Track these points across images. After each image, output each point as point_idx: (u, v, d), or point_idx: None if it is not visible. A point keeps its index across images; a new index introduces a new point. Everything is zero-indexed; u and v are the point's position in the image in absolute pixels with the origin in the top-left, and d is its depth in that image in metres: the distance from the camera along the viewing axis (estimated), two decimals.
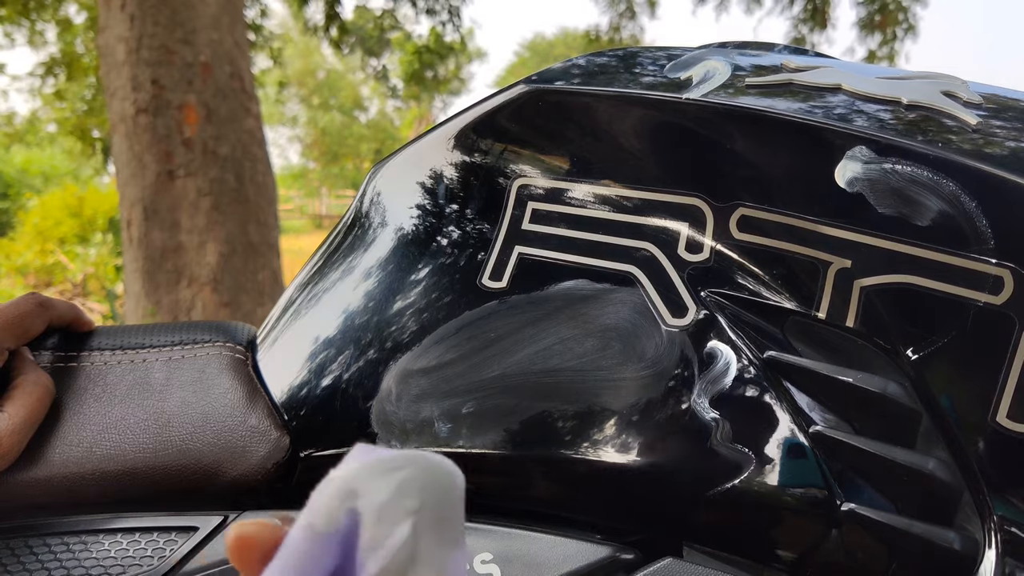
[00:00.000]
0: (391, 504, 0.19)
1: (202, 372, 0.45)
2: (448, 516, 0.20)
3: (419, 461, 0.20)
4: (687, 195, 0.35)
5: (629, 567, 0.35)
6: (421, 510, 0.19)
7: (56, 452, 0.42)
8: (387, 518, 0.19)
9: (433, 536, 0.19)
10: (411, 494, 0.19)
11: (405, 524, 0.19)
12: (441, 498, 0.20)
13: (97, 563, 0.41)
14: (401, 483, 0.19)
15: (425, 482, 0.20)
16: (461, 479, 0.20)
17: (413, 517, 0.19)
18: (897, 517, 0.30)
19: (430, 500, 0.19)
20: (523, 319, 0.37)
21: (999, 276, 0.28)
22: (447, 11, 4.11)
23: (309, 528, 0.19)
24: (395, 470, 0.20)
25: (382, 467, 0.20)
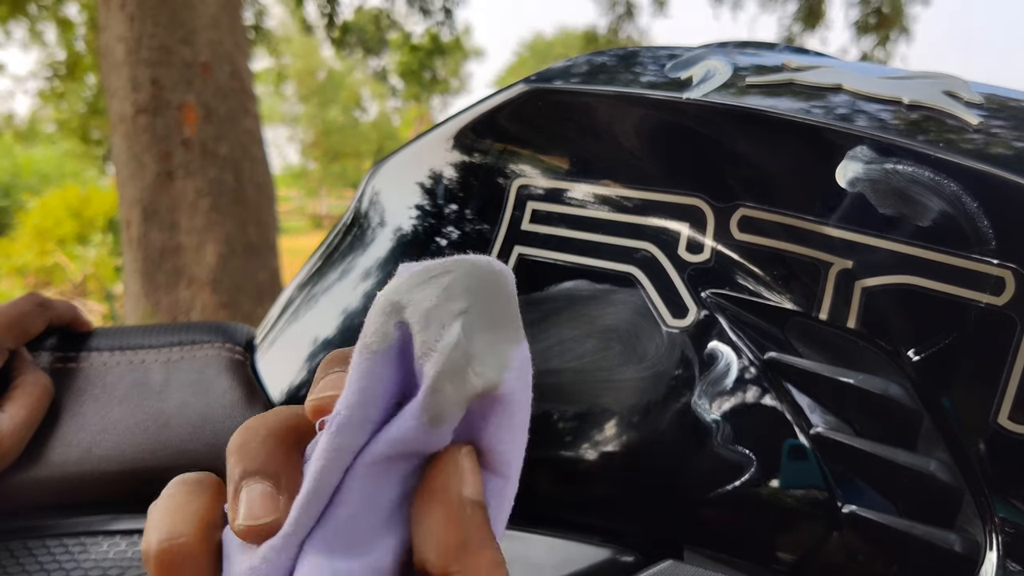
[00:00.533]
0: (437, 308, 0.18)
1: (201, 373, 0.45)
2: (500, 313, 0.19)
3: (462, 264, 0.19)
4: (687, 195, 0.35)
5: (629, 569, 0.35)
6: (469, 310, 0.18)
7: (54, 453, 0.42)
8: (435, 321, 0.18)
9: (487, 334, 0.19)
10: (457, 296, 0.19)
11: (455, 325, 0.18)
12: (489, 297, 0.19)
13: (96, 565, 0.41)
14: (446, 287, 0.19)
15: (470, 283, 0.19)
16: (510, 277, 0.20)
17: (462, 318, 0.18)
18: (898, 519, 0.30)
19: (478, 300, 0.19)
20: (522, 320, 0.37)
21: (1000, 277, 0.28)
22: (442, 11, 4.11)
23: (365, 349, 0.19)
24: (438, 276, 0.19)
25: (425, 276, 0.19)
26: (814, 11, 4.49)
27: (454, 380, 0.18)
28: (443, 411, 0.18)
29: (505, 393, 0.19)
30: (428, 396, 0.18)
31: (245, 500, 0.19)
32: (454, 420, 0.18)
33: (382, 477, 0.19)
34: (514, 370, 0.19)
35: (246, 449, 0.20)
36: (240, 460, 0.20)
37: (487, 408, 0.19)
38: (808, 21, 4.51)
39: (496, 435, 0.19)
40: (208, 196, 2.18)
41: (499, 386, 0.18)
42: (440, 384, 0.18)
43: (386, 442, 0.19)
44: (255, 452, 0.20)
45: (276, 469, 0.20)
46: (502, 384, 0.19)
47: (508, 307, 0.19)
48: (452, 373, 0.18)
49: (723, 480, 0.33)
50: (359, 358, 0.19)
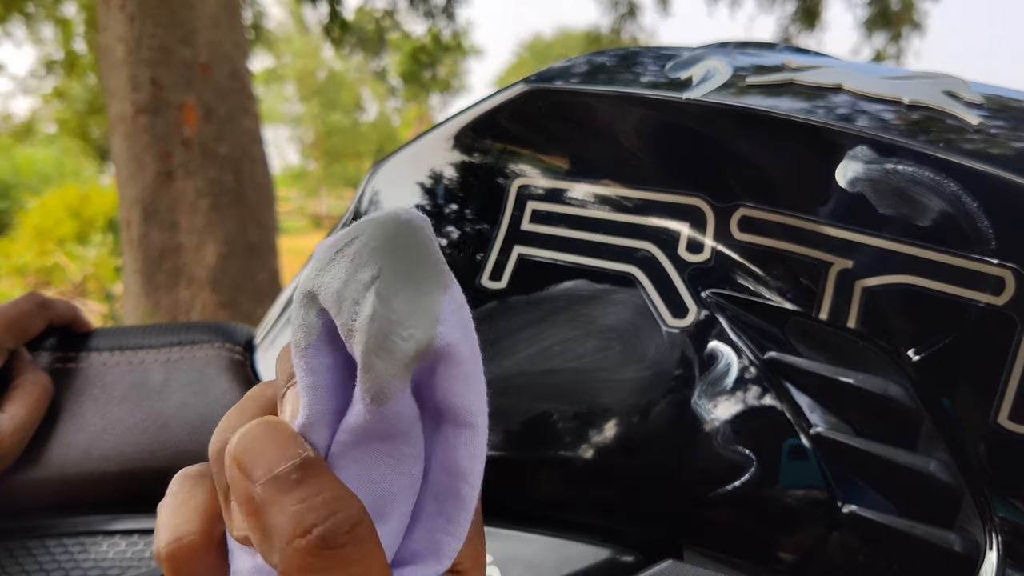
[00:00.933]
0: (347, 284, 0.17)
1: (200, 373, 0.45)
2: (417, 265, 0.18)
3: (368, 226, 0.18)
4: (688, 195, 0.35)
5: (629, 569, 0.35)
6: (381, 274, 0.17)
7: (54, 453, 0.42)
8: (347, 299, 0.17)
9: (406, 292, 0.17)
10: (365, 263, 0.18)
11: (368, 295, 0.17)
12: (400, 251, 0.18)
13: (95, 565, 0.40)
14: (352, 258, 0.18)
15: (376, 244, 0.18)
16: (421, 224, 0.18)
17: (374, 286, 0.17)
18: (898, 519, 0.30)
19: (388, 259, 0.18)
20: (523, 320, 0.37)
21: (1000, 277, 0.28)
22: (444, 13, 4.12)
23: (296, 348, 0.19)
24: (343, 248, 0.18)
25: (331, 252, 0.18)
26: (811, 12, 4.49)
27: (381, 354, 0.17)
28: (382, 387, 0.17)
29: (445, 344, 0.18)
30: (363, 378, 0.17)
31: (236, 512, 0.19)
32: (399, 392, 0.17)
33: (366, 465, 0.19)
34: (448, 319, 0.18)
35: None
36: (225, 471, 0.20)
37: (433, 364, 0.18)
38: (806, 22, 4.52)
39: (450, 388, 0.18)
40: (208, 196, 2.18)
41: (434, 340, 0.17)
42: (369, 362, 0.17)
43: (347, 431, 0.18)
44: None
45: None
46: (437, 337, 0.17)
47: (426, 256, 0.18)
48: (377, 347, 0.17)
49: (723, 480, 0.33)
50: (295, 358, 0.19)
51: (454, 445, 0.19)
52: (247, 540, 0.19)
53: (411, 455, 0.19)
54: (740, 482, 0.32)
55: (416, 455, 0.19)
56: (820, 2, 4.50)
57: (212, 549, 0.20)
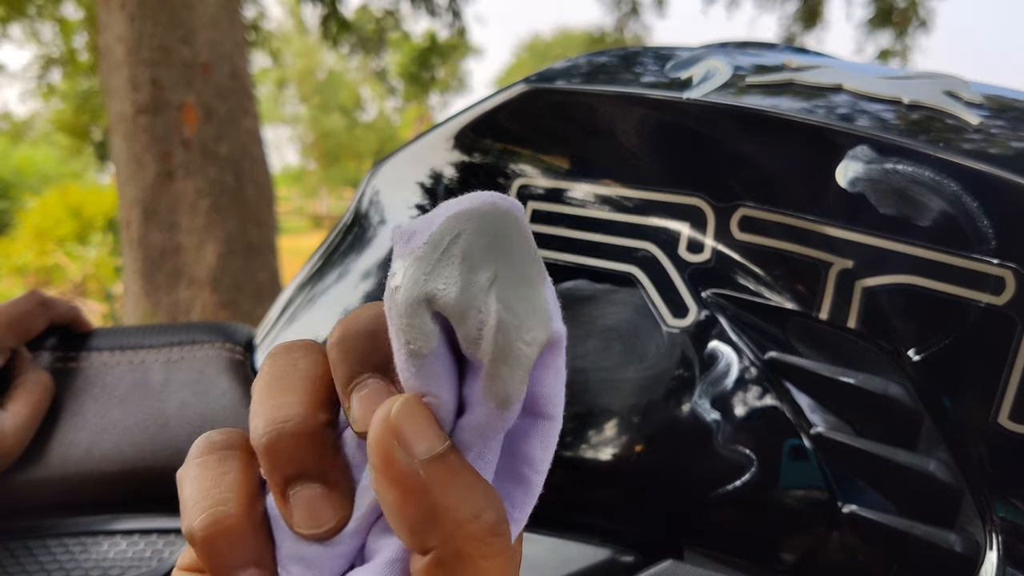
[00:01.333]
0: (466, 290, 0.17)
1: (201, 373, 0.45)
2: (525, 259, 0.18)
3: (467, 221, 0.17)
4: (688, 195, 0.35)
5: (630, 569, 0.35)
6: (498, 277, 0.17)
7: (54, 453, 0.42)
8: (470, 308, 0.17)
9: (521, 291, 0.17)
10: (479, 266, 0.17)
11: (489, 302, 0.17)
12: (510, 247, 0.17)
13: (96, 565, 0.41)
14: (463, 259, 0.17)
15: (487, 240, 0.17)
16: (518, 211, 0.18)
17: (494, 290, 0.17)
18: (898, 519, 0.30)
19: (501, 257, 0.17)
20: None
21: (1000, 277, 0.28)
22: (450, 11, 4.11)
23: (416, 356, 0.18)
24: (449, 248, 0.17)
25: (435, 251, 0.17)
26: (813, 11, 4.50)
27: (508, 361, 0.17)
28: (508, 393, 0.17)
29: (554, 339, 0.18)
30: (488, 385, 0.17)
31: (303, 506, 0.18)
32: (522, 394, 0.17)
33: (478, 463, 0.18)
34: (554, 312, 0.18)
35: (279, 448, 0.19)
36: (278, 462, 0.19)
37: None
38: (808, 21, 4.52)
39: (542, 379, 0.18)
40: (208, 196, 2.18)
41: (551, 337, 0.17)
42: (496, 371, 0.17)
43: (467, 431, 0.18)
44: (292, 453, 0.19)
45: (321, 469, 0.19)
46: (552, 334, 0.17)
47: (530, 247, 0.18)
48: (504, 356, 0.17)
49: (723, 480, 0.33)
50: (411, 365, 0.18)
51: (530, 434, 0.19)
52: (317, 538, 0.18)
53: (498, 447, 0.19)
54: (740, 482, 0.32)
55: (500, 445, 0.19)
56: (822, 1, 4.51)
57: (256, 529, 0.19)
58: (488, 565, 0.16)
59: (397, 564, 0.18)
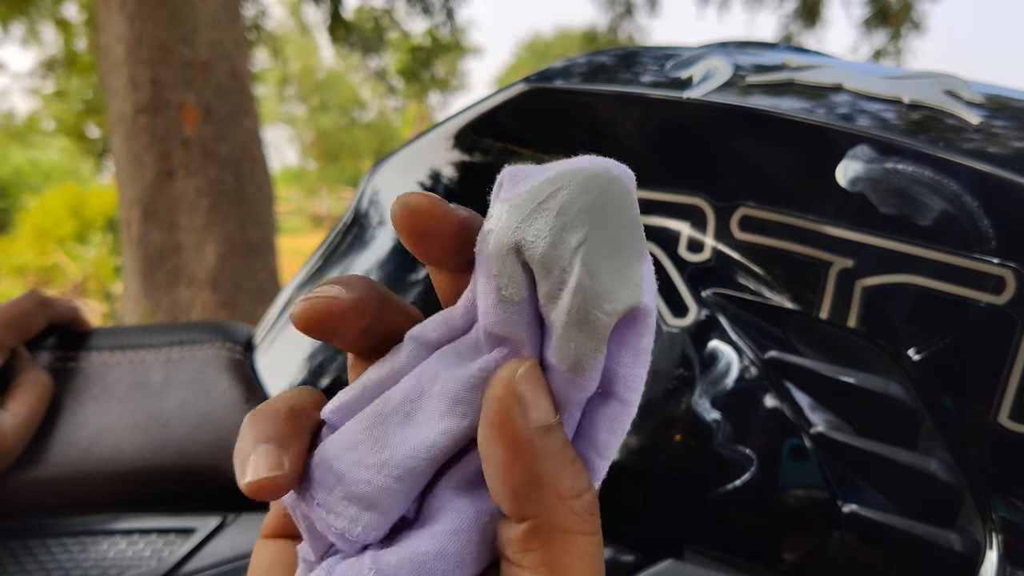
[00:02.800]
0: (554, 247, 0.16)
1: (200, 372, 0.45)
2: (623, 230, 0.17)
3: (573, 177, 0.17)
4: (688, 195, 0.35)
5: (629, 569, 0.35)
6: (588, 239, 0.16)
7: (54, 453, 0.42)
8: (555, 265, 0.16)
9: (611, 262, 0.16)
10: (572, 225, 0.16)
11: (575, 263, 0.16)
12: (609, 214, 0.17)
13: (96, 564, 0.40)
14: (558, 212, 0.16)
15: (586, 202, 0.17)
16: (629, 180, 0.17)
17: (581, 251, 0.16)
18: (898, 518, 0.30)
19: (596, 222, 0.16)
20: None
21: (1000, 276, 0.28)
22: (444, 11, 4.11)
23: (508, 302, 0.17)
24: (546, 201, 0.17)
25: (532, 202, 0.17)
26: (812, 10, 4.50)
27: (582, 326, 0.16)
28: (580, 359, 0.16)
29: (636, 312, 0.17)
30: (561, 347, 0.16)
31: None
32: (597, 364, 0.17)
33: None
34: (646, 289, 0.17)
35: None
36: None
37: (615, 328, 0.17)
38: (808, 20, 4.52)
39: (620, 356, 0.17)
40: (208, 196, 2.18)
41: (634, 308, 0.17)
42: (569, 334, 0.16)
43: None
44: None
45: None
46: (637, 309, 0.17)
47: (631, 221, 0.17)
48: (578, 320, 0.16)
49: (723, 480, 0.33)
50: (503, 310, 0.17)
51: (599, 415, 0.18)
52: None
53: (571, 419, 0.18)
54: (741, 482, 0.32)
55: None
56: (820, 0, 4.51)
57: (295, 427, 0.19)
58: (585, 542, 0.16)
59: (463, 535, 0.17)
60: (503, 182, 0.18)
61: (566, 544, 0.16)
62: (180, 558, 0.40)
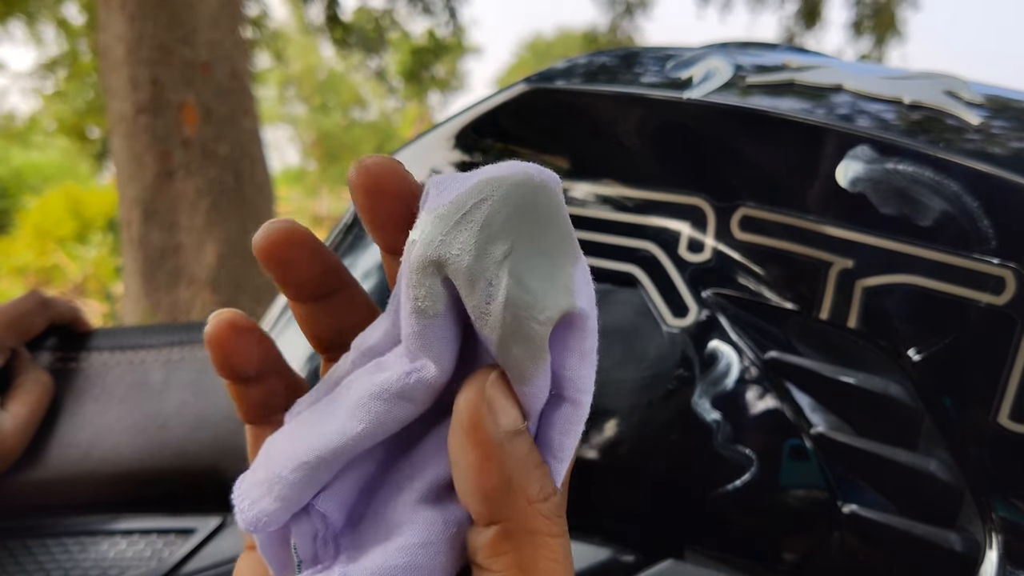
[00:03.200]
0: (479, 260, 0.16)
1: (200, 373, 0.45)
2: (551, 234, 0.17)
3: (495, 186, 0.16)
4: (688, 195, 0.35)
5: (629, 569, 0.35)
6: (514, 250, 0.16)
7: (54, 453, 0.42)
8: (480, 279, 0.16)
9: (541, 268, 0.16)
10: (497, 236, 0.16)
11: (502, 275, 0.16)
12: (535, 221, 0.16)
13: (95, 565, 0.40)
14: (482, 227, 0.16)
15: (510, 211, 0.16)
16: (553, 184, 0.17)
17: (507, 263, 0.16)
18: (899, 519, 0.30)
19: (522, 231, 0.16)
20: None
21: (1001, 276, 0.28)
22: (447, 11, 4.12)
23: (423, 315, 0.17)
24: (470, 212, 0.16)
25: (456, 213, 0.16)
26: (812, 11, 4.50)
27: (517, 339, 0.16)
28: (523, 370, 0.16)
29: (572, 317, 0.17)
30: (502, 360, 0.16)
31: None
32: (539, 372, 0.16)
33: None
34: (579, 291, 0.17)
35: None
36: None
37: (555, 333, 0.17)
38: (808, 21, 4.53)
39: (565, 361, 0.17)
40: (208, 196, 2.18)
41: (567, 313, 0.16)
42: (506, 348, 0.16)
43: None
44: None
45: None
46: (571, 314, 0.17)
47: (560, 225, 0.17)
48: (513, 333, 0.16)
49: (724, 480, 0.33)
50: (415, 324, 0.17)
51: (552, 418, 0.18)
52: None
53: None
54: (741, 482, 0.32)
55: None
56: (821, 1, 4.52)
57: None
58: (554, 544, 0.17)
59: (432, 547, 0.18)
60: (429, 190, 0.18)
61: (536, 546, 0.17)
62: (180, 558, 0.40)
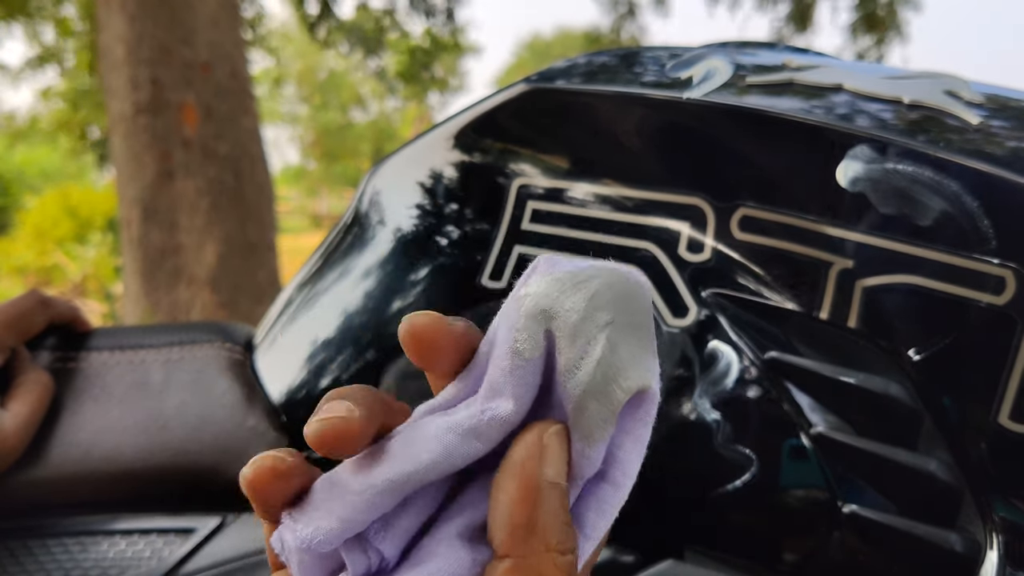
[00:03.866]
0: (584, 321, 0.18)
1: (200, 373, 0.45)
2: (641, 324, 0.19)
3: (607, 272, 0.19)
4: (688, 195, 0.35)
5: (629, 569, 0.35)
6: (614, 322, 0.18)
7: (54, 453, 0.42)
8: (581, 336, 0.18)
9: (631, 345, 0.18)
10: (603, 307, 0.18)
11: (600, 338, 0.18)
12: (632, 307, 0.19)
13: (95, 564, 0.40)
14: (592, 296, 0.18)
15: (616, 293, 0.19)
16: (649, 288, 0.20)
17: (607, 330, 0.18)
18: (899, 519, 0.30)
19: (622, 310, 0.19)
20: None
21: (1001, 276, 0.28)
22: (445, 12, 4.11)
23: (518, 356, 0.19)
24: (584, 282, 0.19)
25: (572, 280, 0.19)
26: (804, 13, 4.50)
27: (599, 396, 0.18)
28: (593, 430, 0.18)
29: (645, 397, 0.19)
30: (576, 416, 0.18)
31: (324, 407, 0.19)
32: (606, 435, 0.18)
33: None
34: (654, 378, 0.19)
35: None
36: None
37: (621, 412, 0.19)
38: (799, 23, 4.53)
39: (622, 440, 0.19)
40: (208, 196, 2.18)
41: (646, 389, 0.18)
42: (584, 404, 0.18)
43: None
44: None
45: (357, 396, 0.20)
46: (648, 394, 0.18)
47: (649, 317, 0.19)
48: (596, 390, 0.18)
49: (723, 480, 0.33)
50: (511, 363, 0.19)
51: (590, 496, 0.19)
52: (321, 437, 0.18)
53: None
54: (741, 482, 0.32)
55: None
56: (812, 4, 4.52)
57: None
58: None
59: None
60: (539, 264, 0.20)
61: None
62: (180, 558, 0.40)
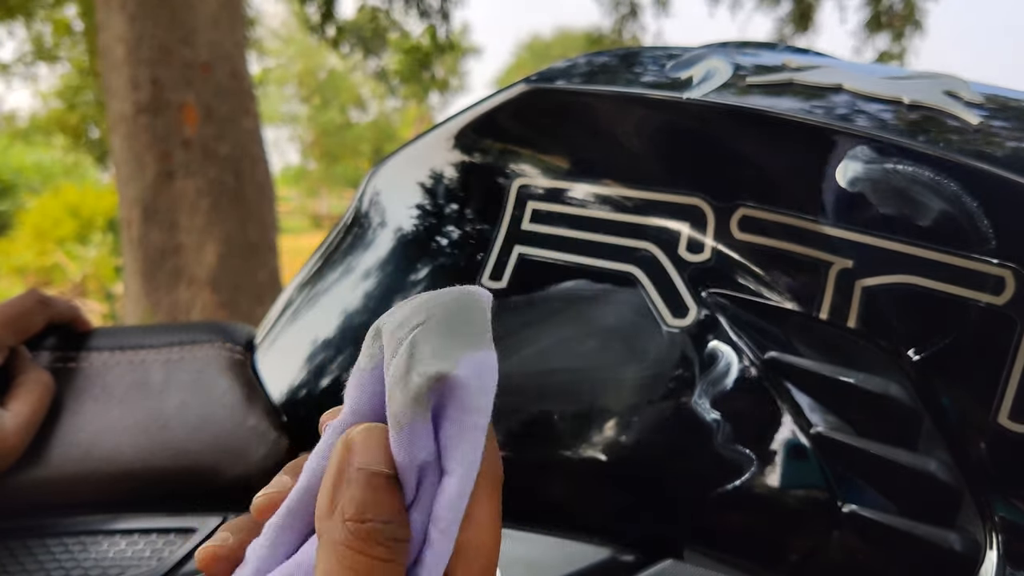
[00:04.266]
0: (400, 326, 0.20)
1: (201, 373, 0.45)
2: (460, 324, 0.20)
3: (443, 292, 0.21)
4: (688, 195, 0.35)
5: (629, 569, 0.35)
6: (426, 322, 0.20)
7: (54, 453, 0.42)
8: (395, 338, 0.20)
9: (438, 340, 0.19)
10: (419, 312, 0.20)
11: (408, 338, 0.20)
12: (452, 310, 0.20)
13: (96, 564, 0.41)
14: (414, 307, 0.20)
15: (436, 301, 0.20)
16: (483, 296, 0.21)
17: (416, 330, 0.20)
18: (898, 519, 0.30)
19: (438, 313, 0.20)
20: (523, 320, 0.37)
21: (1000, 276, 0.28)
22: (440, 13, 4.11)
23: (357, 370, 0.21)
24: (412, 300, 0.21)
25: (405, 302, 0.21)
26: (805, 14, 4.50)
27: (402, 386, 0.19)
28: (398, 416, 0.19)
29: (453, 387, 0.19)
30: (388, 406, 0.19)
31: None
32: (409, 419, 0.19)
33: None
34: (466, 369, 0.19)
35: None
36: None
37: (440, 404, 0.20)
38: (800, 24, 4.52)
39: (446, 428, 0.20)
40: (208, 196, 2.18)
41: (444, 379, 0.19)
42: (392, 393, 0.19)
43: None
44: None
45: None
46: (447, 378, 0.19)
47: (472, 319, 0.20)
48: (399, 380, 0.19)
49: (723, 480, 0.33)
50: (353, 378, 0.21)
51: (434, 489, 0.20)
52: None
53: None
54: (740, 482, 0.32)
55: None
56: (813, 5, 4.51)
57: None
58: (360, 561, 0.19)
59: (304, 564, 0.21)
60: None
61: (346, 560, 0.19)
62: (180, 558, 0.40)
